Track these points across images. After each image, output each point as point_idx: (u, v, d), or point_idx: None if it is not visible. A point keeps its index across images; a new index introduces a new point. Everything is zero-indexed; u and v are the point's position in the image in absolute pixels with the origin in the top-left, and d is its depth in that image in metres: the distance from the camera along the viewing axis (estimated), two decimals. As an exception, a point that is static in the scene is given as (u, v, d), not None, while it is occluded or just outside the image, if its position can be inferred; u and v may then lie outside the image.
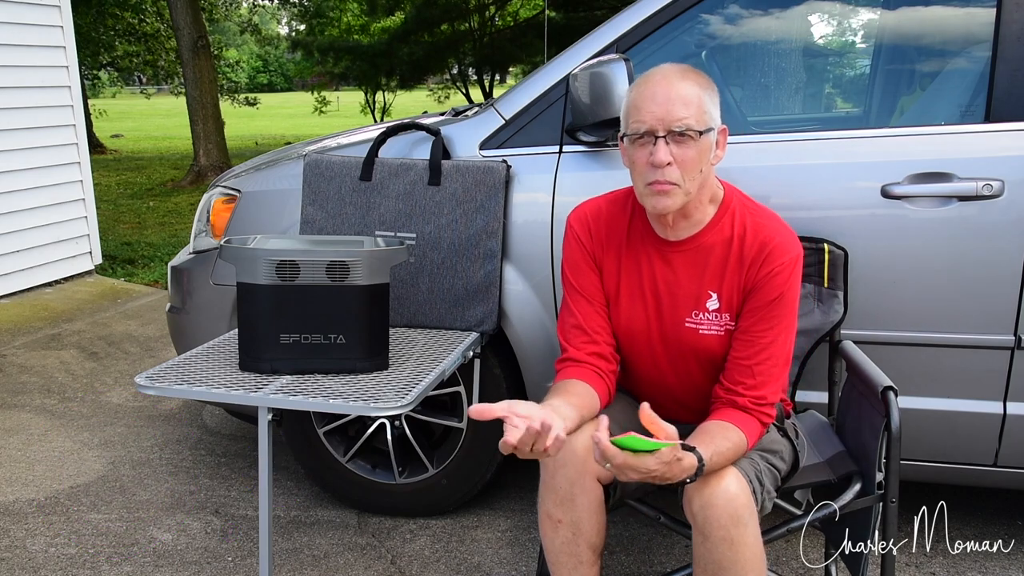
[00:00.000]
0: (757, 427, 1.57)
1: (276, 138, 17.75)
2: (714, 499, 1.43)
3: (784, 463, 1.65)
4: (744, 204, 1.63)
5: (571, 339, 1.68)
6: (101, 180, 10.50)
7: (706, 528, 1.44)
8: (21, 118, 4.84)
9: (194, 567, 2.23)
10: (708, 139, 1.52)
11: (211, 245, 2.54)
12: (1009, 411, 1.98)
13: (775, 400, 1.60)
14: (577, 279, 1.70)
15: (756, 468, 1.55)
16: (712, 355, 1.64)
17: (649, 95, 1.51)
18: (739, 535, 1.42)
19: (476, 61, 15.55)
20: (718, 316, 1.62)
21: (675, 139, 1.49)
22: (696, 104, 1.49)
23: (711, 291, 1.61)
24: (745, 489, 1.45)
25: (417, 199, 2.21)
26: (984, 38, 1.97)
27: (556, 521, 1.59)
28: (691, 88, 1.50)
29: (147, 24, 16.53)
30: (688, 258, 1.62)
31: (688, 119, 1.48)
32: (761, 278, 1.57)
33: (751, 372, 1.57)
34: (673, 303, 1.64)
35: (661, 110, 1.49)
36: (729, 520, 1.42)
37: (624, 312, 1.68)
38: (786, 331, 1.59)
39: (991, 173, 1.88)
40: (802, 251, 1.61)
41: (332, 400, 1.73)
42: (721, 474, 1.45)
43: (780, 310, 1.57)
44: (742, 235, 1.59)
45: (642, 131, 1.51)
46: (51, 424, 3.17)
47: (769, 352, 1.57)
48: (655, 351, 1.69)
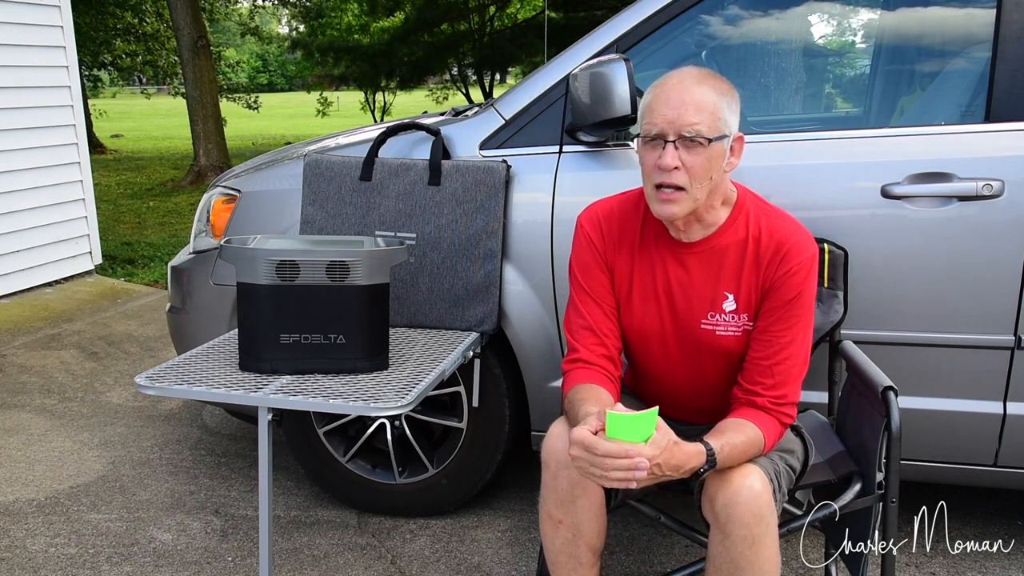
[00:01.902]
0: (776, 427, 1.57)
1: (276, 138, 17.74)
2: (738, 496, 1.42)
3: (798, 462, 1.66)
4: (758, 205, 1.63)
5: (581, 339, 1.68)
6: (101, 180, 10.50)
7: (728, 526, 1.43)
8: (21, 118, 4.84)
9: (194, 567, 2.23)
10: (720, 146, 1.51)
11: (211, 245, 2.54)
12: (1009, 411, 1.98)
13: (795, 399, 1.60)
14: (587, 280, 1.70)
15: (776, 467, 1.55)
16: (729, 356, 1.65)
17: (664, 98, 1.51)
18: (760, 534, 1.42)
19: (476, 61, 15.54)
20: (735, 317, 1.62)
21: (685, 144, 1.49)
22: (710, 110, 1.49)
23: (727, 292, 1.61)
24: (768, 487, 1.45)
25: (417, 199, 2.21)
26: (984, 38, 1.97)
27: (557, 522, 1.59)
28: (707, 94, 1.50)
29: (147, 24, 16.53)
30: (702, 260, 1.62)
31: (699, 125, 1.48)
32: (779, 278, 1.57)
33: (770, 372, 1.57)
34: (688, 305, 1.64)
35: (673, 114, 1.49)
36: (752, 519, 1.42)
37: (637, 313, 1.68)
38: (804, 330, 1.59)
39: (991, 173, 1.88)
40: (817, 250, 1.61)
41: (332, 400, 1.73)
42: (744, 472, 1.45)
43: (798, 309, 1.57)
44: (757, 236, 1.59)
45: (653, 133, 1.51)
46: (51, 424, 3.17)
47: (788, 351, 1.57)
48: (669, 352, 1.69)
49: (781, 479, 1.55)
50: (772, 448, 1.57)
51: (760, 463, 1.50)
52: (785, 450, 1.63)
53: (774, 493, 1.47)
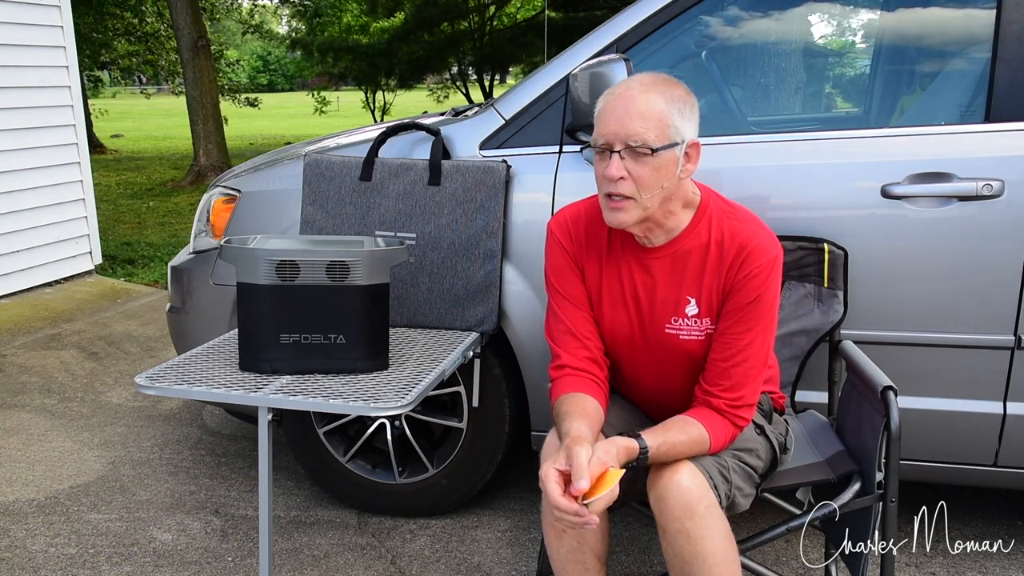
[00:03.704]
0: (728, 428, 1.57)
1: (276, 138, 17.74)
2: (666, 492, 1.45)
3: (760, 461, 1.65)
4: (721, 208, 1.61)
5: (563, 345, 1.68)
6: (101, 180, 10.51)
7: (662, 521, 1.47)
8: (21, 118, 4.84)
9: (194, 567, 2.23)
10: (669, 155, 1.48)
11: (211, 245, 2.54)
12: (1009, 411, 1.98)
13: (753, 401, 1.60)
14: (562, 284, 1.69)
15: (720, 464, 1.55)
16: (694, 359, 1.64)
17: (610, 108, 1.50)
18: (695, 528, 1.44)
19: (476, 61, 15.54)
20: (698, 321, 1.61)
21: (631, 154, 1.48)
22: (656, 119, 1.47)
23: (690, 296, 1.61)
24: (700, 482, 1.46)
25: (417, 199, 2.21)
26: (984, 38, 1.97)
27: (561, 530, 1.59)
28: (655, 102, 1.47)
29: (147, 24, 16.52)
30: (666, 264, 1.62)
31: (645, 134, 1.46)
32: (739, 280, 1.56)
33: (728, 374, 1.57)
34: (652, 309, 1.64)
35: (616, 124, 1.48)
36: (682, 513, 1.44)
37: (607, 318, 1.68)
38: (763, 333, 1.58)
39: (991, 173, 1.88)
40: (782, 252, 1.59)
41: (332, 400, 1.73)
42: (675, 467, 1.47)
43: (758, 312, 1.56)
44: (720, 239, 1.58)
45: (600, 143, 1.51)
46: (51, 424, 3.17)
47: (746, 354, 1.57)
48: (637, 356, 1.70)
49: (729, 474, 1.55)
50: (722, 448, 1.58)
51: (699, 460, 1.51)
52: (741, 448, 1.63)
53: (716, 488, 1.49)
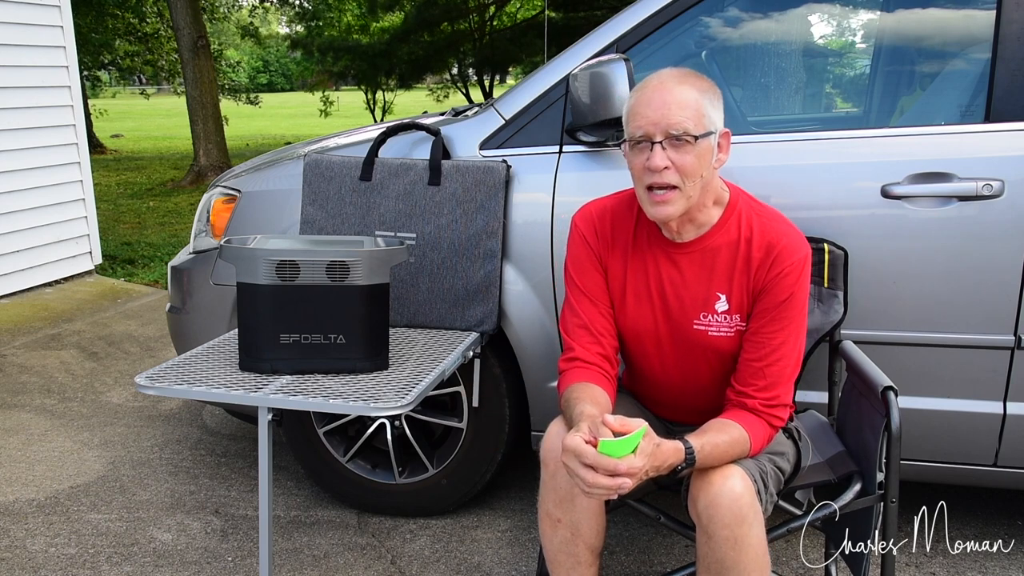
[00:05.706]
0: (765, 429, 1.57)
1: (276, 138, 17.74)
2: (719, 498, 1.42)
3: (788, 464, 1.65)
4: (750, 205, 1.63)
5: (577, 338, 1.68)
6: (101, 180, 10.51)
7: (710, 527, 1.44)
8: (21, 118, 4.84)
9: (194, 567, 2.23)
10: (707, 143, 1.51)
11: (211, 245, 2.54)
12: (1009, 411, 1.98)
13: (788, 400, 1.60)
14: (582, 280, 1.70)
15: (762, 469, 1.55)
16: (722, 356, 1.64)
17: (646, 100, 1.51)
18: (743, 535, 1.42)
19: (476, 61, 15.54)
20: (728, 317, 1.62)
21: (672, 144, 1.49)
22: (694, 108, 1.49)
23: (720, 293, 1.61)
24: (750, 489, 1.45)
25: (417, 199, 2.21)
26: (984, 38, 1.97)
27: (555, 521, 1.59)
28: (689, 92, 1.50)
29: (147, 24, 16.52)
30: (695, 260, 1.62)
31: (685, 123, 1.48)
32: (771, 279, 1.56)
33: (762, 374, 1.57)
34: (681, 305, 1.64)
35: (657, 115, 1.49)
36: (733, 519, 1.42)
37: (631, 313, 1.68)
38: (797, 331, 1.59)
39: (991, 173, 1.88)
40: (810, 251, 1.61)
41: (332, 400, 1.73)
42: (726, 473, 1.45)
43: (790, 311, 1.57)
44: (749, 237, 1.59)
45: (638, 136, 1.51)
46: (51, 424, 3.17)
47: (780, 353, 1.57)
48: (663, 352, 1.69)
49: (768, 480, 1.55)
50: (760, 451, 1.57)
51: (744, 464, 1.50)
52: (775, 452, 1.62)
53: (758, 494, 1.47)
